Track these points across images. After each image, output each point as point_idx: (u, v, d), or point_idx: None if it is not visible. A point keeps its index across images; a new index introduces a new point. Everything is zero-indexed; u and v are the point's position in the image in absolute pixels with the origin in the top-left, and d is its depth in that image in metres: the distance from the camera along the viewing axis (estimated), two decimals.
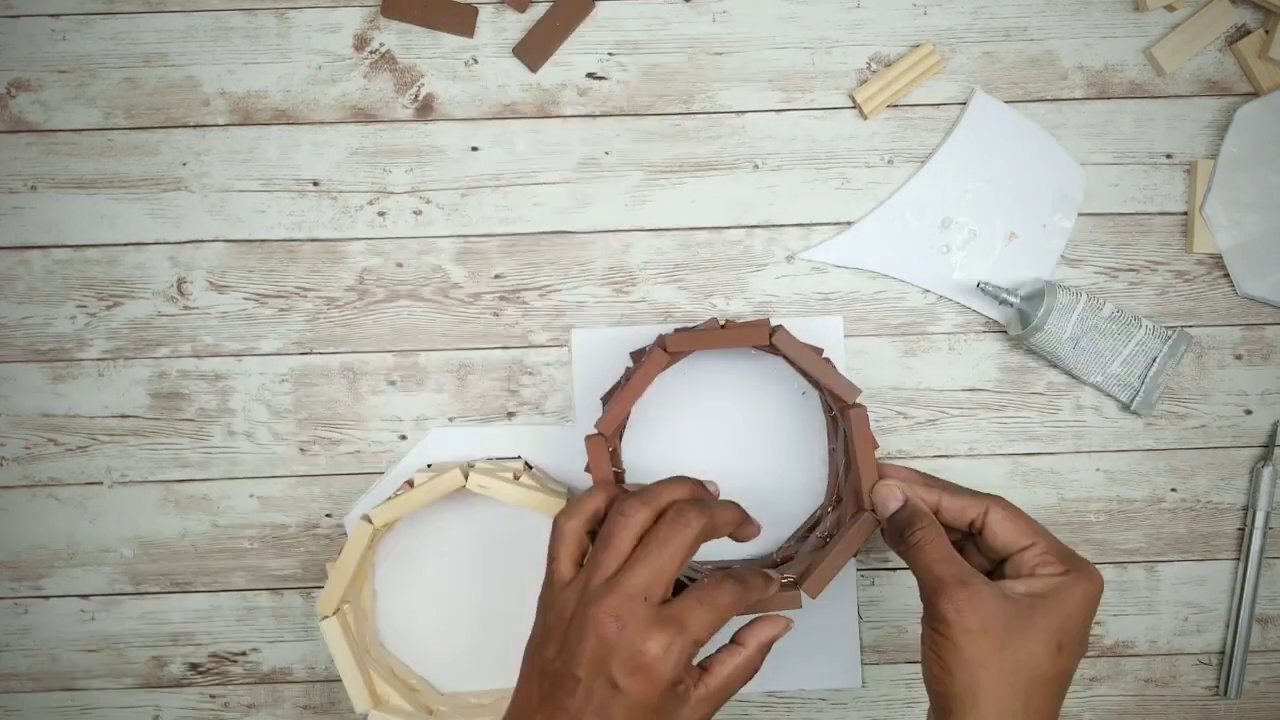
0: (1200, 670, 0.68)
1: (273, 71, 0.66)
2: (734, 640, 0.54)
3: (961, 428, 0.67)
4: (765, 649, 0.54)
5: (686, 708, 0.51)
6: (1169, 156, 0.67)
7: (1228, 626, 0.68)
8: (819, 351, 0.61)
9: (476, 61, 0.67)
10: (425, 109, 0.67)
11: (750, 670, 0.53)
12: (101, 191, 0.66)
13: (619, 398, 0.59)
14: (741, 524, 0.56)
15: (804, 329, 0.66)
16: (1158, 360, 0.65)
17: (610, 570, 0.51)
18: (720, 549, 0.66)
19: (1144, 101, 0.67)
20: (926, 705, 0.68)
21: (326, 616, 0.60)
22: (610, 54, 0.67)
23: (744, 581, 0.53)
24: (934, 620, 0.50)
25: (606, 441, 0.59)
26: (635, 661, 0.49)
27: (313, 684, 0.68)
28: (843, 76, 0.67)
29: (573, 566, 0.53)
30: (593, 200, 0.67)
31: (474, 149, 0.67)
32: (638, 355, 0.64)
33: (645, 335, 0.66)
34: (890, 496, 0.55)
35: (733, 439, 0.66)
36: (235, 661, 0.68)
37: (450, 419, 0.67)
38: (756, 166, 0.67)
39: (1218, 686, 0.68)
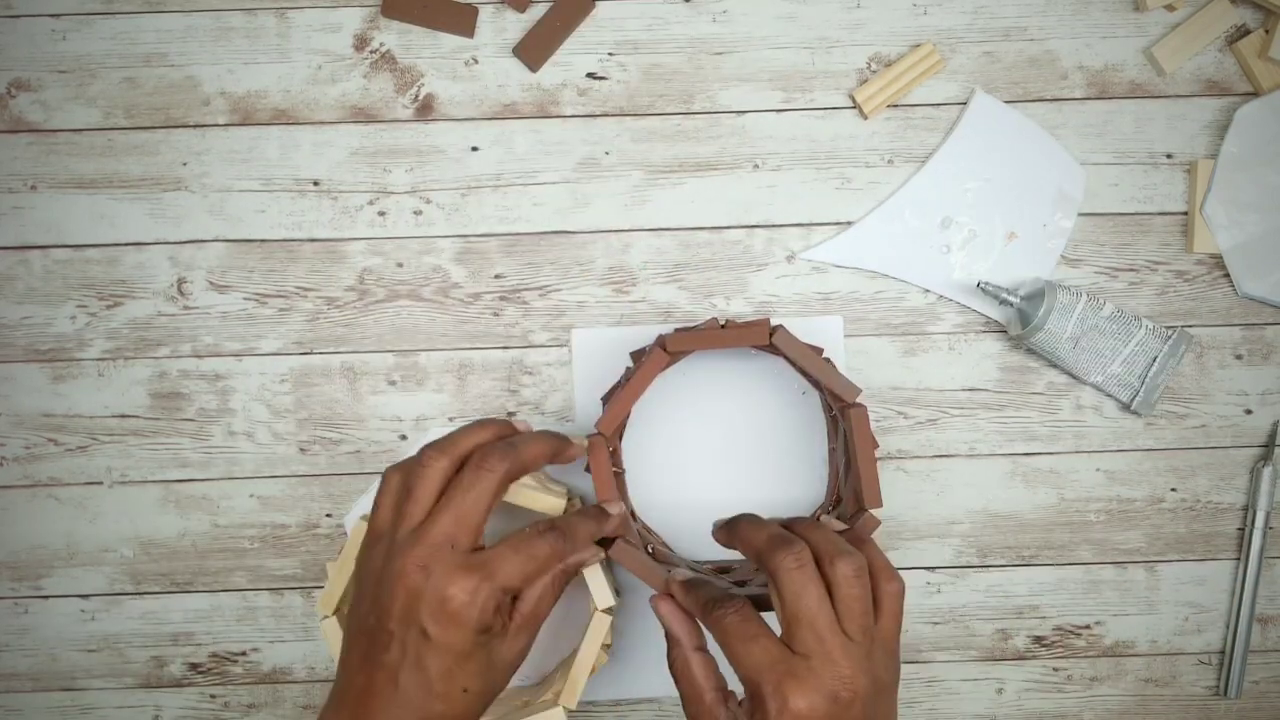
0: (1200, 670, 0.68)
1: (273, 71, 0.66)
2: None
3: (961, 428, 0.67)
4: (570, 571, 0.54)
5: (504, 644, 0.51)
6: (1169, 156, 0.67)
7: (1228, 626, 0.68)
8: (819, 351, 0.61)
9: (476, 61, 0.67)
10: (425, 109, 0.67)
11: (555, 591, 0.53)
12: (101, 191, 0.66)
13: (619, 398, 0.59)
14: (556, 453, 0.56)
15: (804, 329, 0.66)
16: (1158, 360, 0.65)
17: (415, 521, 0.51)
18: (720, 549, 0.66)
19: (1144, 101, 0.67)
20: (926, 705, 0.68)
21: (326, 616, 0.60)
22: (610, 54, 0.67)
23: (568, 532, 0.53)
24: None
25: (606, 441, 0.59)
26: (443, 609, 0.49)
27: (313, 684, 0.68)
28: (843, 76, 0.67)
29: (390, 518, 0.53)
30: (593, 200, 0.67)
31: (474, 149, 0.67)
32: (638, 355, 0.64)
33: (645, 335, 0.66)
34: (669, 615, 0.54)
35: (733, 439, 0.66)
36: (235, 661, 0.68)
37: (450, 419, 0.67)
38: (756, 166, 0.67)
39: (1218, 686, 0.68)
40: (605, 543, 0.59)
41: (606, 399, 0.64)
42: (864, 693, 0.46)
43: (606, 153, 0.67)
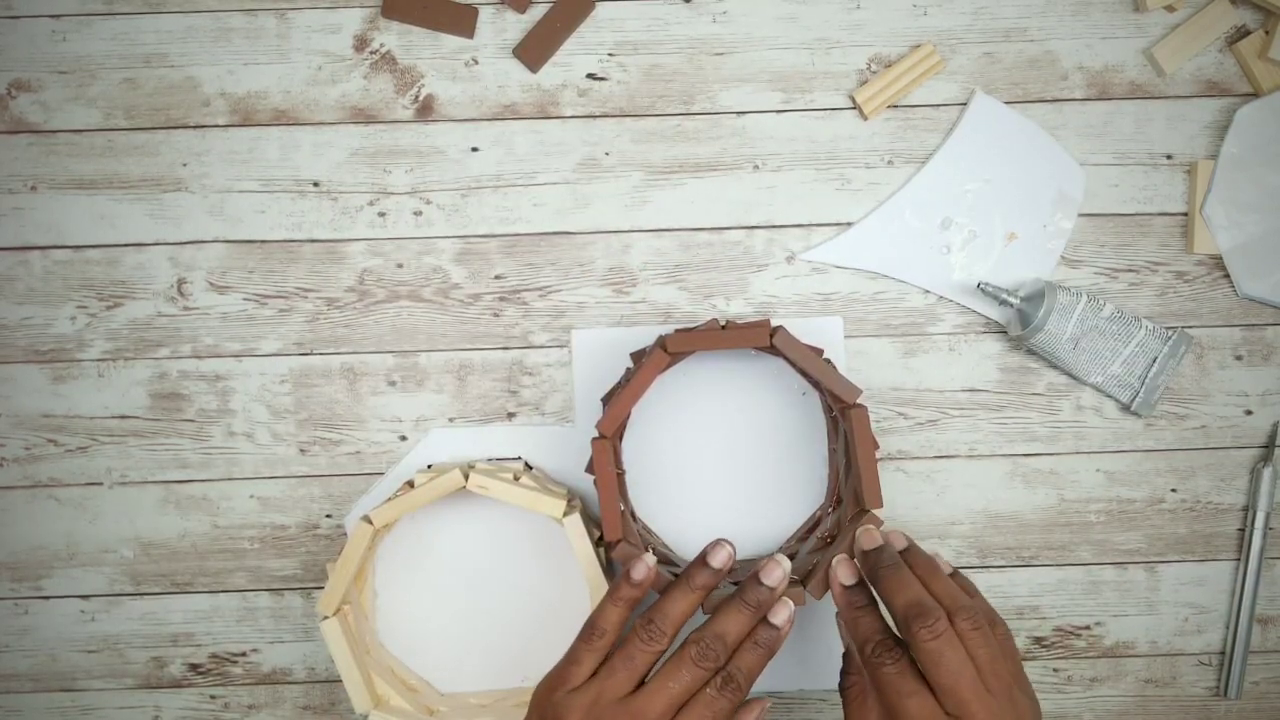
0: (1200, 670, 0.68)
1: (273, 72, 0.66)
2: None
3: (961, 428, 0.67)
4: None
5: None
6: (1169, 157, 0.67)
7: (1228, 627, 0.68)
8: (819, 352, 0.61)
9: (476, 62, 0.67)
10: (425, 109, 0.67)
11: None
12: (101, 192, 0.66)
13: (619, 398, 0.59)
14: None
15: (804, 329, 0.66)
16: (1158, 361, 0.65)
17: (623, 691, 0.52)
18: None
19: (1144, 102, 0.67)
20: None
21: (327, 617, 0.60)
22: (610, 54, 0.67)
23: (697, 659, 0.53)
24: None
25: (608, 442, 0.59)
26: None
27: (313, 684, 0.68)
28: (843, 77, 0.67)
29: (590, 671, 0.53)
30: (593, 201, 0.67)
31: (474, 149, 0.67)
32: (638, 356, 0.64)
33: (645, 336, 0.66)
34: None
35: (733, 439, 0.66)
36: (235, 662, 0.68)
37: (450, 419, 0.67)
38: (757, 167, 0.67)
39: (1218, 687, 0.68)
40: (609, 546, 0.59)
41: (606, 400, 0.64)
42: None
43: (606, 153, 0.67)
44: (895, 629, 0.52)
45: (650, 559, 0.56)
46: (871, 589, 0.55)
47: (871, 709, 0.52)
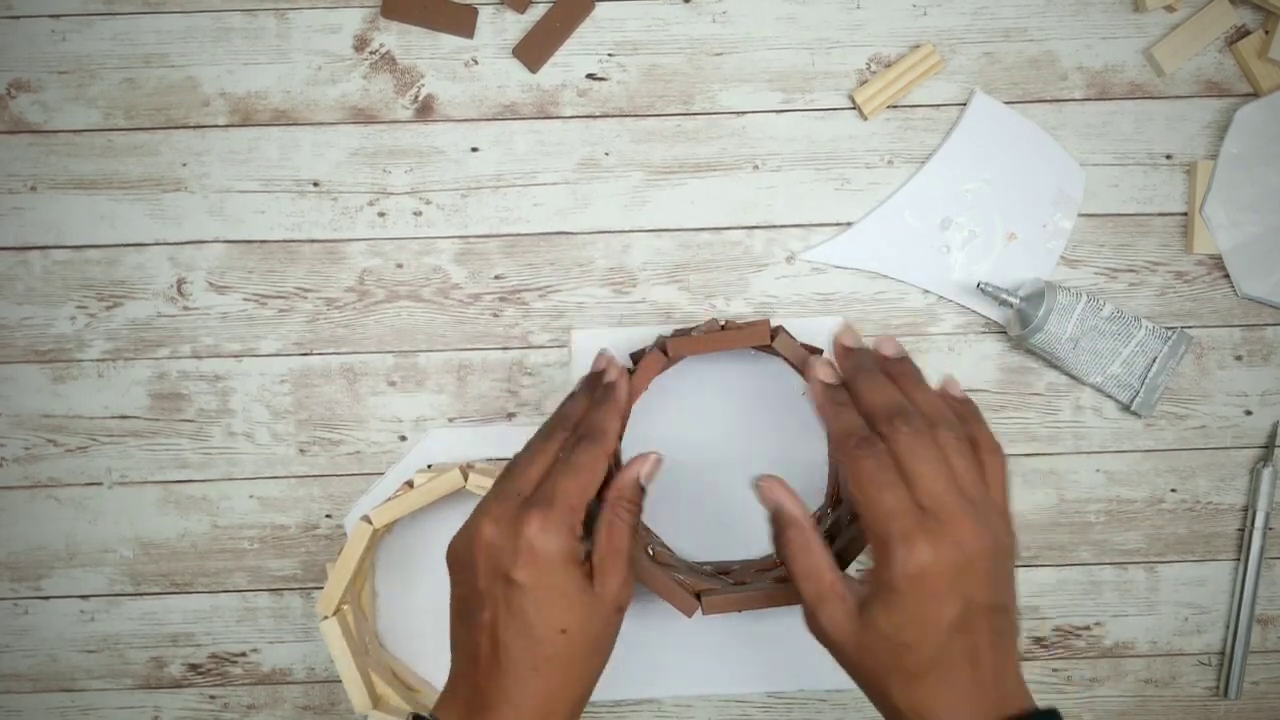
0: (1200, 671, 0.68)
1: (273, 72, 0.66)
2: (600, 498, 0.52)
3: None
4: (637, 493, 0.53)
5: (597, 582, 0.50)
6: (1169, 157, 0.67)
7: (1227, 627, 0.68)
8: (819, 353, 0.61)
9: (476, 62, 0.67)
10: (425, 110, 0.67)
11: (624, 515, 0.52)
12: (101, 192, 0.66)
13: None
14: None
15: (804, 329, 0.66)
16: (1158, 361, 0.65)
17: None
18: (719, 549, 0.66)
19: (1144, 102, 0.67)
20: None
21: (326, 617, 0.60)
22: (610, 54, 0.67)
23: (594, 436, 0.52)
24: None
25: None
26: (521, 552, 0.48)
27: (313, 684, 0.68)
28: (843, 77, 0.67)
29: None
30: (593, 201, 0.67)
31: (474, 150, 0.67)
32: (638, 356, 0.64)
33: (645, 336, 0.66)
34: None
35: (733, 439, 0.66)
36: (235, 662, 0.68)
37: (450, 419, 0.67)
38: (756, 167, 0.67)
39: (1218, 687, 0.68)
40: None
41: None
42: (987, 549, 0.46)
43: (606, 153, 0.67)
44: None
45: (614, 365, 0.56)
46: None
47: (818, 553, 0.50)
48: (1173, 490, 0.68)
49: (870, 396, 0.50)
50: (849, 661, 0.48)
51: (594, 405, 0.54)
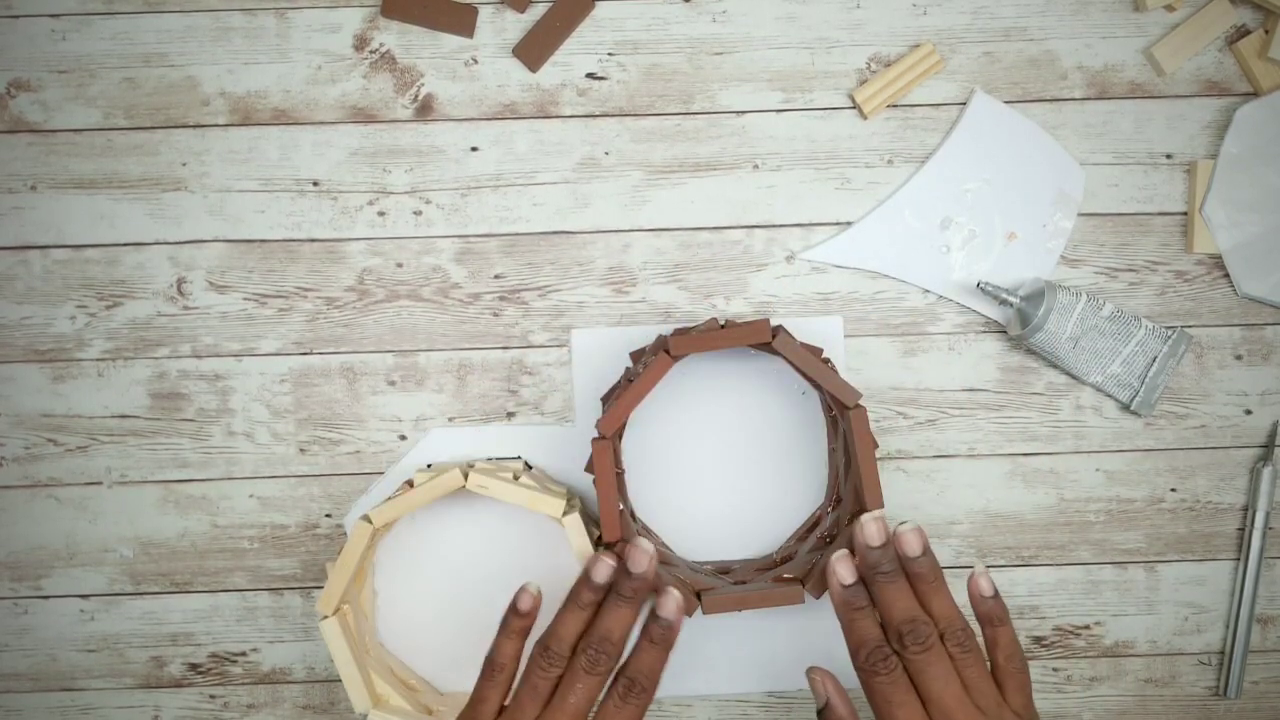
0: (1200, 670, 0.68)
1: (273, 71, 0.66)
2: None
3: (961, 428, 0.67)
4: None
5: None
6: (1169, 156, 0.67)
7: (1228, 626, 0.68)
8: (819, 352, 0.61)
9: (476, 62, 0.67)
10: (425, 109, 0.67)
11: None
12: (101, 191, 0.66)
13: (621, 401, 0.59)
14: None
15: (804, 329, 0.66)
16: (1158, 360, 0.65)
17: (530, 718, 0.52)
18: (719, 549, 0.66)
19: (1144, 101, 0.67)
20: None
21: (326, 616, 0.60)
22: (610, 54, 0.67)
23: (638, 678, 0.53)
24: None
25: (608, 443, 0.59)
26: None
27: (312, 684, 0.68)
28: (843, 76, 0.67)
29: (497, 707, 0.54)
30: (593, 200, 0.67)
31: (474, 149, 0.67)
32: (637, 355, 0.64)
33: (645, 335, 0.66)
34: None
35: (733, 439, 0.66)
36: (235, 662, 0.68)
37: (450, 419, 0.67)
38: (756, 166, 0.67)
39: (1218, 686, 0.68)
40: (609, 545, 0.59)
41: (606, 399, 0.64)
42: None
43: (606, 153, 0.67)
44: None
45: (534, 587, 0.56)
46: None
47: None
48: (1172, 490, 0.68)
49: (888, 609, 0.52)
50: None
51: (651, 645, 0.54)
